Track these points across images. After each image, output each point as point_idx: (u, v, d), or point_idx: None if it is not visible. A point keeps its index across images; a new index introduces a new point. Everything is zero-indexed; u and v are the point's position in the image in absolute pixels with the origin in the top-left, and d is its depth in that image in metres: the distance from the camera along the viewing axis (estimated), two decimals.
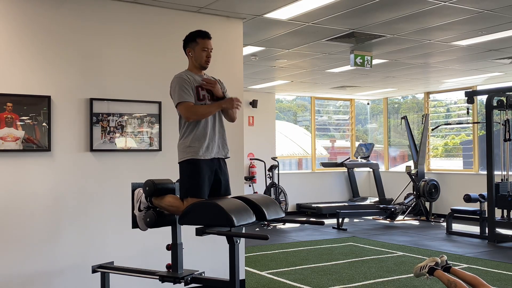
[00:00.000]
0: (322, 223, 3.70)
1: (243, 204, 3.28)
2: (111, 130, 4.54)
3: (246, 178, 10.36)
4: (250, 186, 10.60)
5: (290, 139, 12.83)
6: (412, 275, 5.37)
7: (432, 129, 11.09)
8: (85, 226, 4.41)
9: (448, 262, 4.02)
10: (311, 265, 6.24)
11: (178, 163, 3.47)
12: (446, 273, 3.86)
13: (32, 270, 4.16)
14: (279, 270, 6.01)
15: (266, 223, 9.54)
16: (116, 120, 4.56)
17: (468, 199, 8.41)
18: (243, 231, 3.55)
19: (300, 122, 13.66)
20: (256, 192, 10.36)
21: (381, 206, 10.32)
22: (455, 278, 3.77)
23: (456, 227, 9.07)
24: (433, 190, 10.35)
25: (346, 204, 11.39)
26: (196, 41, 3.51)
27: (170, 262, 3.52)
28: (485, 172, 8.01)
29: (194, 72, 3.55)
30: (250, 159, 10.82)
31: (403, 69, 8.55)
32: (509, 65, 8.24)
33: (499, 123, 8.10)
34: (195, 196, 3.32)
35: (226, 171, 3.58)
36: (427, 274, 3.93)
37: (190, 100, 3.40)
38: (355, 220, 10.50)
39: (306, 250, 7.27)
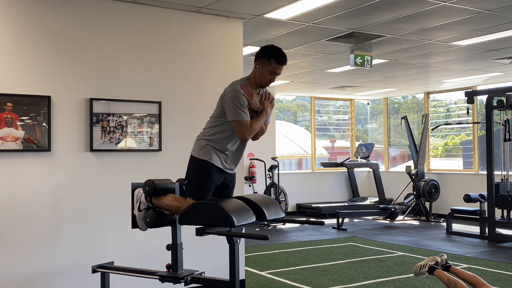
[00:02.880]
0: (322, 223, 3.70)
1: (243, 204, 3.28)
2: (111, 130, 4.54)
3: (246, 178, 10.36)
4: (250, 186, 10.60)
5: (290, 139, 12.83)
6: (412, 275, 5.38)
7: (432, 129, 11.09)
8: (85, 226, 4.41)
9: (448, 261, 4.02)
10: (311, 265, 6.24)
11: (191, 155, 3.42)
12: (446, 272, 3.85)
13: (32, 270, 4.16)
14: (279, 270, 6.01)
15: (266, 223, 9.54)
16: (116, 120, 4.57)
17: (468, 199, 8.41)
18: (243, 231, 3.55)
19: (300, 122, 13.66)
20: (256, 192, 10.36)
21: (381, 206, 10.32)
22: (455, 278, 3.76)
23: (456, 227, 9.07)
24: (433, 190, 10.34)
25: (346, 204, 11.38)
26: (270, 61, 3.31)
27: (170, 262, 3.52)
28: (485, 172, 8.01)
29: (251, 85, 3.39)
30: (250, 159, 10.82)
31: (403, 69, 8.55)
32: (509, 65, 8.24)
33: (499, 123, 8.10)
34: (199, 199, 3.33)
35: (234, 178, 3.58)
36: (427, 273, 3.92)
37: (246, 118, 3.27)
38: (355, 220, 10.50)
39: (306, 250, 7.27)
